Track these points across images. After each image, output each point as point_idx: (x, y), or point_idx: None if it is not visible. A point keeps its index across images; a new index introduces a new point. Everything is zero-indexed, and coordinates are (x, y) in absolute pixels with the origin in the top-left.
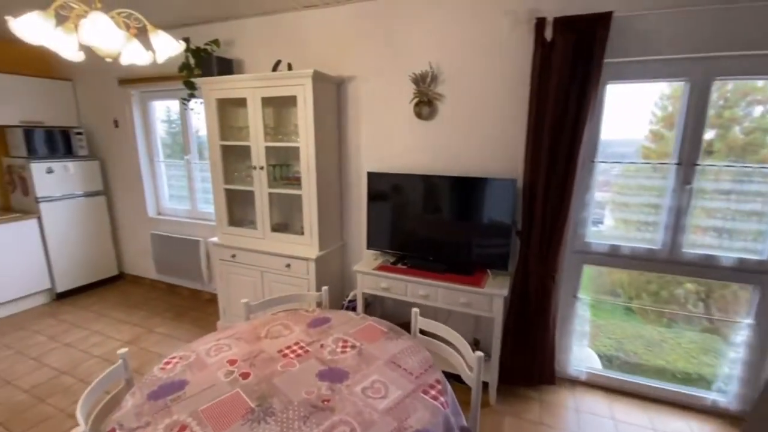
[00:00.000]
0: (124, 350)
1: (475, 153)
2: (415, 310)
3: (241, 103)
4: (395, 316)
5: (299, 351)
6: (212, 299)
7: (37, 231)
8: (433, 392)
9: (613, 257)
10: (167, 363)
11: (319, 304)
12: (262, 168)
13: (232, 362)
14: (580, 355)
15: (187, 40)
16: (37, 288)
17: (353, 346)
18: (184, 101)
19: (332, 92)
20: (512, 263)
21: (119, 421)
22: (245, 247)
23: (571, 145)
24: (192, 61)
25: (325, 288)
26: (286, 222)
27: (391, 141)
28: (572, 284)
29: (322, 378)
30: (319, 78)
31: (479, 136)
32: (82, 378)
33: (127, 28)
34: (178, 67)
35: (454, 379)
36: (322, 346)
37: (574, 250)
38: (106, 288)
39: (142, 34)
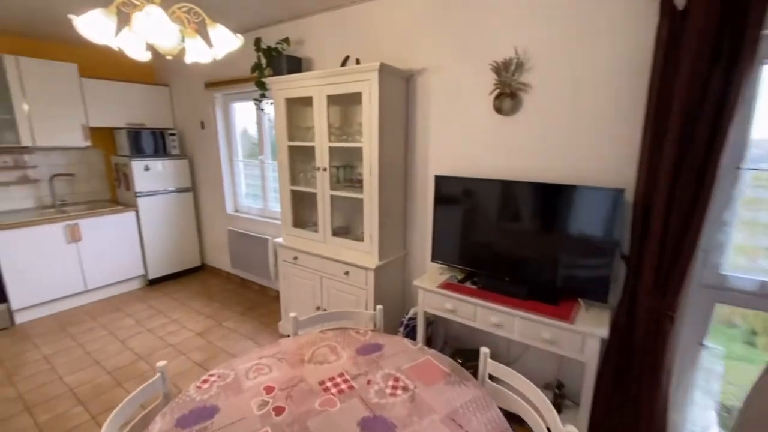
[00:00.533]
0: (162, 363)
1: (569, 155)
2: (484, 351)
3: (309, 102)
4: (461, 339)
5: (343, 386)
6: (278, 297)
7: (134, 222)
8: None
9: (764, 298)
10: (204, 381)
11: (374, 324)
12: (325, 169)
13: (268, 390)
14: (701, 419)
15: (258, 40)
16: (132, 274)
17: (405, 388)
18: (256, 101)
19: (400, 87)
20: (613, 294)
21: None
22: (306, 250)
23: (710, 147)
24: (263, 61)
25: (379, 308)
26: (347, 226)
27: (464, 140)
28: (697, 327)
29: (364, 429)
30: (386, 71)
31: (575, 134)
32: (154, 367)
33: (188, 23)
34: (250, 68)
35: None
36: (369, 382)
37: (702, 284)
38: (189, 277)
39: (202, 30)
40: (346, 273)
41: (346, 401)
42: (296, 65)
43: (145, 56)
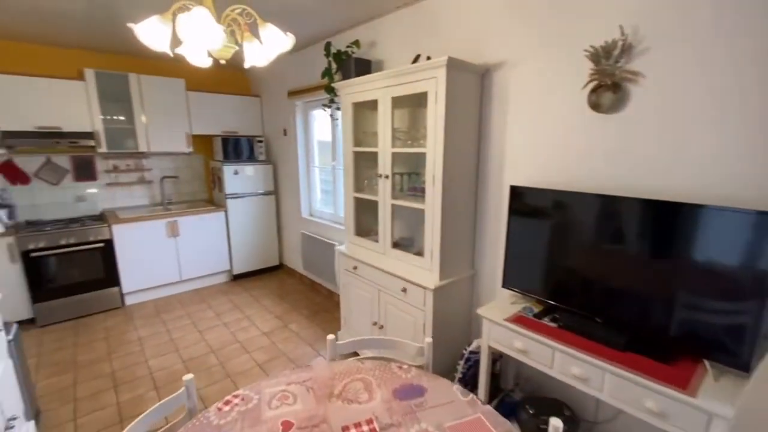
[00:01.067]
0: (189, 377)
1: (697, 163)
2: (555, 425)
3: (375, 106)
4: (536, 382)
5: None
6: None
7: (224, 221)
8: None
9: None
10: (227, 402)
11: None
12: (387, 176)
13: (286, 427)
14: None
15: (328, 44)
16: (220, 269)
17: None
18: (325, 107)
19: (473, 84)
20: (758, 357)
21: None
22: (366, 260)
23: None
24: (333, 66)
25: (428, 341)
26: (410, 238)
27: (548, 144)
28: None
29: None
30: (455, 66)
31: (706, 138)
32: (222, 361)
33: (242, 25)
34: (321, 74)
35: None
36: None
37: None
38: (269, 275)
39: (253, 30)
40: (404, 290)
41: None
42: (365, 68)
43: (206, 62)
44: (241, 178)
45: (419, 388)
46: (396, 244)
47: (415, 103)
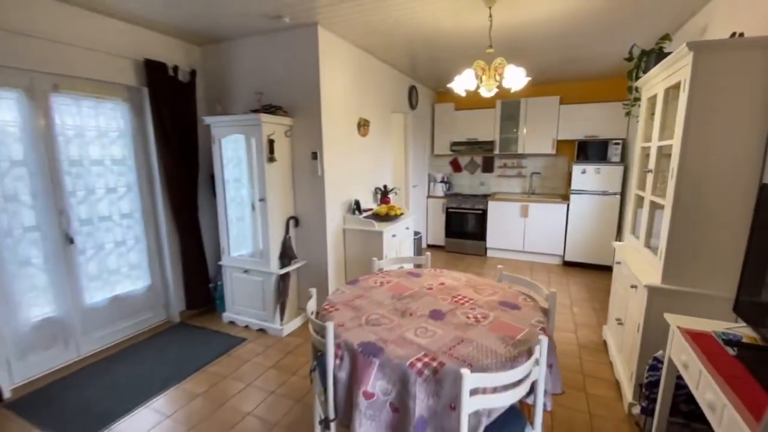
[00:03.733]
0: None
1: None
2: None
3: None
4: None
5: (461, 302)
6: None
7: (564, 213)
8: None
9: None
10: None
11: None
12: (650, 171)
13: (431, 289)
14: None
15: (632, 48)
16: (554, 252)
17: (485, 317)
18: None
19: (750, 64)
20: None
21: (331, 299)
22: (626, 256)
23: None
24: (642, 65)
25: (552, 291)
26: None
27: None
28: None
29: (432, 314)
30: (709, 49)
31: None
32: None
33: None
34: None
35: None
36: (472, 308)
37: None
38: (597, 272)
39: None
40: (633, 287)
41: (450, 308)
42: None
43: (490, 93)
44: (588, 177)
45: (515, 306)
46: (646, 241)
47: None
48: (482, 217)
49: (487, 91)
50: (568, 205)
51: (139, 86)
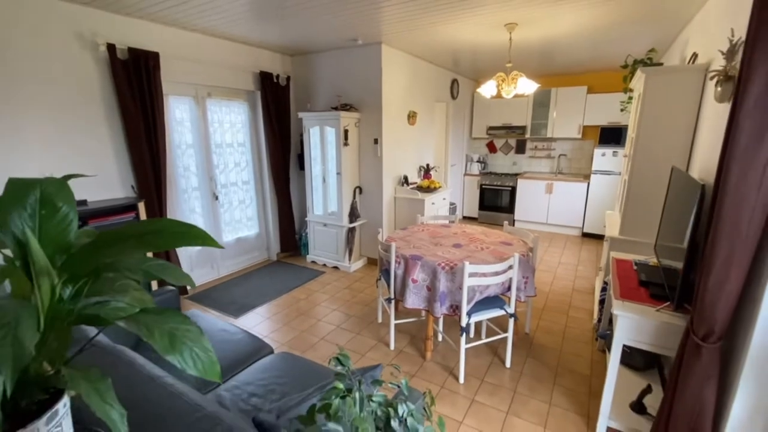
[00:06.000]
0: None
1: None
2: None
3: None
4: None
5: (469, 239)
6: None
7: (584, 191)
8: None
9: None
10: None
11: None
12: (626, 156)
13: (434, 233)
14: None
15: (627, 58)
16: (573, 224)
17: (489, 251)
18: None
19: (687, 85)
20: None
21: (391, 236)
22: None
23: None
24: (635, 71)
25: (535, 236)
26: None
27: None
28: None
29: (455, 244)
30: (651, 74)
31: None
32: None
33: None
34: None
35: None
36: (480, 248)
37: None
38: None
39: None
40: (606, 240)
41: (463, 245)
42: None
43: (510, 96)
44: (607, 159)
45: (508, 244)
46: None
47: None
48: (512, 193)
49: (506, 95)
50: (588, 184)
51: (254, 90)
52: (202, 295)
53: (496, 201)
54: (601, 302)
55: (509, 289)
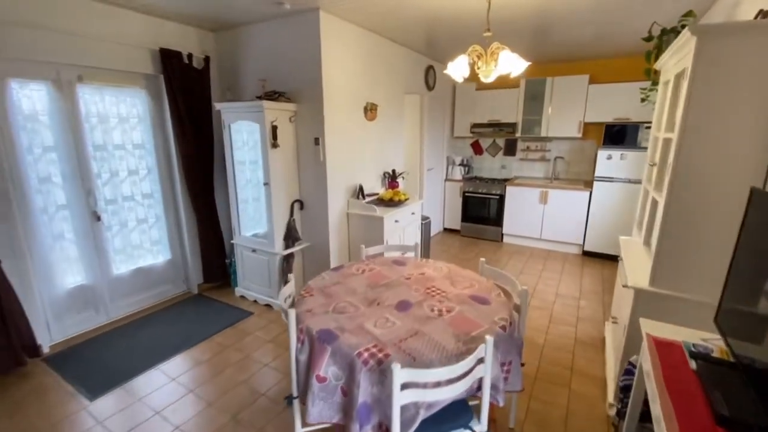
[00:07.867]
0: (524, 287)
1: None
2: None
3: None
4: None
5: (431, 293)
6: None
7: (586, 201)
8: None
9: None
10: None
11: None
12: (654, 164)
13: (377, 279)
14: None
15: (651, 27)
16: (572, 240)
17: (449, 311)
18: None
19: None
20: None
21: (311, 285)
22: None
23: None
24: (663, 45)
25: (524, 288)
26: None
27: None
28: None
29: (398, 305)
30: (713, 34)
31: None
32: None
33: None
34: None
35: None
36: (436, 299)
37: None
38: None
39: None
40: (625, 286)
41: (419, 298)
42: None
43: (490, 79)
44: (613, 163)
45: (486, 300)
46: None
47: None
48: (500, 202)
49: (485, 78)
50: (591, 193)
51: (156, 74)
52: (70, 354)
53: (481, 211)
54: (624, 389)
55: (479, 389)
